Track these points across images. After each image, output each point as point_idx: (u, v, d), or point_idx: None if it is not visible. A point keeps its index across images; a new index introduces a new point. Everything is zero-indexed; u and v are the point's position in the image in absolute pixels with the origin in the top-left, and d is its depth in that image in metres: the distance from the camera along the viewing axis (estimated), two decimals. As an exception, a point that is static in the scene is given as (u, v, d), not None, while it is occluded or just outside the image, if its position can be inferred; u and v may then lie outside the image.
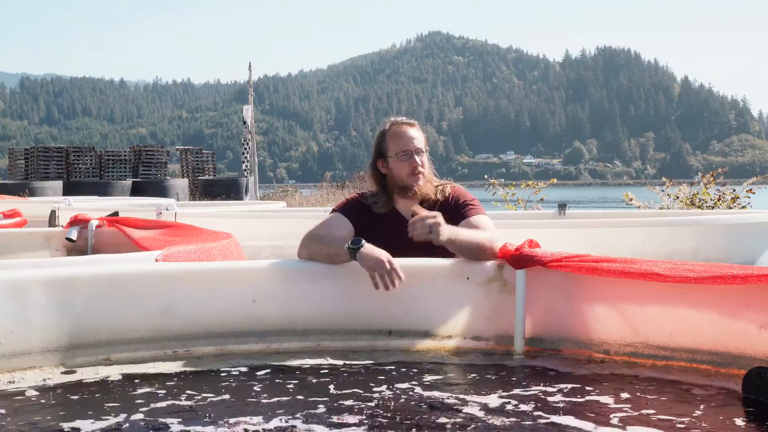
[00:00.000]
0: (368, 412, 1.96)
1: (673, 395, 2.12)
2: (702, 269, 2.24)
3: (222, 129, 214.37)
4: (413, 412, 1.95)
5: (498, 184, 9.39)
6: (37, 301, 2.37)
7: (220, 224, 4.84)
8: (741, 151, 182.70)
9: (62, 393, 2.16)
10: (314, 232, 2.78)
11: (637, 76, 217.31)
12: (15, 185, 16.92)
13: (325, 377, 2.32)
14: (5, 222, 5.11)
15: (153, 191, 17.99)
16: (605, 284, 2.43)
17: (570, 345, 2.54)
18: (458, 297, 2.63)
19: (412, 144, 2.90)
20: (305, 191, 22.00)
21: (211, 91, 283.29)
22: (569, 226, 4.62)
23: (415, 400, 2.06)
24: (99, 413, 1.96)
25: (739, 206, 8.08)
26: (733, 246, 4.51)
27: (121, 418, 1.91)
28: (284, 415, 1.93)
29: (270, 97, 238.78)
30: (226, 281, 2.60)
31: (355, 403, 2.04)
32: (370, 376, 2.32)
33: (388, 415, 1.93)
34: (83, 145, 22.39)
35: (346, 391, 2.16)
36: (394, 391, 2.15)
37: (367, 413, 1.95)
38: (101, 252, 4.07)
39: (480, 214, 2.88)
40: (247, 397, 2.11)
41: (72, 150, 21.56)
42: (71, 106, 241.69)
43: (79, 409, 1.99)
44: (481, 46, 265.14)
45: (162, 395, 2.13)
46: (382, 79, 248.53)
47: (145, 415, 1.94)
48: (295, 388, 2.20)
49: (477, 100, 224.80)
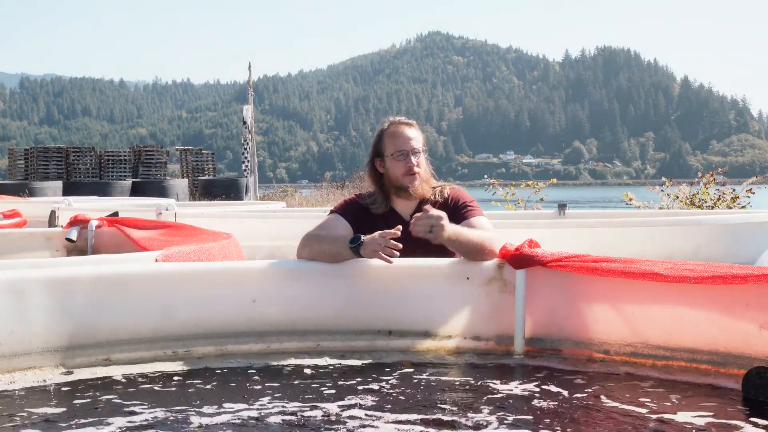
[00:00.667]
0: (368, 412, 1.96)
1: (673, 395, 2.12)
2: (702, 269, 2.24)
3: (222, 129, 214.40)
4: (413, 412, 1.95)
5: (498, 184, 9.39)
6: (37, 302, 2.37)
7: (220, 224, 4.84)
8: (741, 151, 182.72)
9: (62, 393, 2.16)
10: (314, 232, 2.79)
11: (637, 76, 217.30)
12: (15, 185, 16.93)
13: (325, 377, 2.32)
14: (5, 222, 5.11)
15: (153, 191, 17.98)
16: (605, 284, 2.43)
17: (570, 345, 2.54)
18: (458, 297, 2.63)
19: (409, 144, 2.90)
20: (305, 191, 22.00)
21: (210, 91, 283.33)
22: (569, 226, 4.62)
23: (415, 400, 2.07)
24: (99, 413, 1.96)
25: (738, 206, 8.08)
26: (733, 246, 4.51)
27: (121, 418, 1.91)
28: (284, 415, 1.93)
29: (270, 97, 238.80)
30: (225, 281, 2.60)
31: (354, 403, 2.04)
32: (370, 376, 2.32)
33: (388, 415, 1.93)
34: (83, 146, 22.38)
35: (345, 391, 2.16)
36: (394, 391, 2.15)
37: (367, 413, 1.95)
38: (101, 252, 4.07)
39: (479, 216, 2.89)
40: (247, 397, 2.11)
41: (72, 150, 21.55)
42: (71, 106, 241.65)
43: (79, 409, 1.99)
44: (480, 46, 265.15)
45: (162, 395, 2.13)
46: (381, 79, 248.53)
47: (145, 415, 1.94)
48: (295, 388, 2.20)
49: (477, 100, 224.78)
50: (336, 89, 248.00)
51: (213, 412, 1.97)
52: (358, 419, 1.90)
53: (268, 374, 2.38)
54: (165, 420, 1.90)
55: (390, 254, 2.55)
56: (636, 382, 2.24)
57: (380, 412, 1.96)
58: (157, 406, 2.01)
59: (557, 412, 1.95)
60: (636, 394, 2.12)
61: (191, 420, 1.90)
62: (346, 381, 2.27)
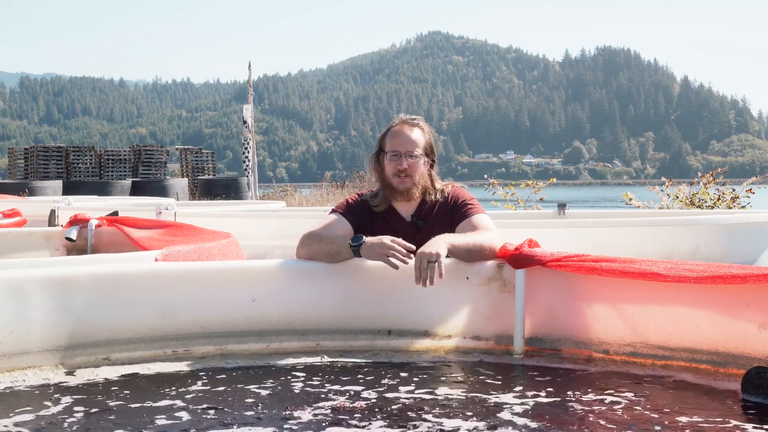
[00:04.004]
0: (368, 411, 1.96)
1: (672, 395, 2.12)
2: (701, 269, 2.24)
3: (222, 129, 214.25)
4: (413, 412, 1.95)
5: (498, 183, 9.38)
6: (36, 301, 2.37)
7: (220, 224, 4.84)
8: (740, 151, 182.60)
9: (62, 393, 2.16)
10: (314, 231, 2.78)
11: (637, 75, 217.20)
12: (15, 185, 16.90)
13: (325, 377, 2.32)
14: (5, 222, 5.10)
15: (153, 191, 17.97)
16: (605, 284, 2.43)
17: (570, 345, 2.54)
18: (458, 297, 2.63)
19: (404, 146, 2.88)
20: (305, 191, 21.99)
21: (210, 90, 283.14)
22: (569, 226, 4.62)
23: (414, 400, 2.07)
24: (99, 413, 1.96)
25: (738, 206, 8.08)
26: (732, 246, 4.50)
27: (121, 418, 1.91)
28: (284, 415, 1.93)
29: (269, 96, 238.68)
30: (225, 281, 2.60)
31: (354, 402, 2.04)
32: (370, 376, 2.32)
33: (388, 414, 1.93)
34: (83, 145, 22.34)
35: (345, 390, 2.16)
36: (394, 391, 2.15)
37: (367, 413, 1.95)
38: (101, 251, 4.07)
39: (479, 214, 2.88)
40: (247, 396, 2.11)
41: (72, 149, 21.53)
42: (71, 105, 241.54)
43: (78, 409, 1.99)
44: (480, 45, 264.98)
45: (162, 395, 2.13)
46: (381, 79, 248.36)
47: (145, 414, 1.94)
48: (294, 387, 2.21)
49: (477, 100, 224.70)
50: (336, 89, 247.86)
51: (213, 411, 1.97)
52: (358, 419, 1.90)
53: (267, 374, 2.38)
54: (165, 420, 1.90)
55: (402, 260, 2.53)
56: (636, 382, 2.24)
57: (380, 411, 1.96)
58: (156, 406, 2.01)
59: (557, 412, 1.95)
60: (636, 394, 2.12)
61: (191, 419, 1.90)
62: (346, 380, 2.27)
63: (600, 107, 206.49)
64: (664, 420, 1.88)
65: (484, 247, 2.64)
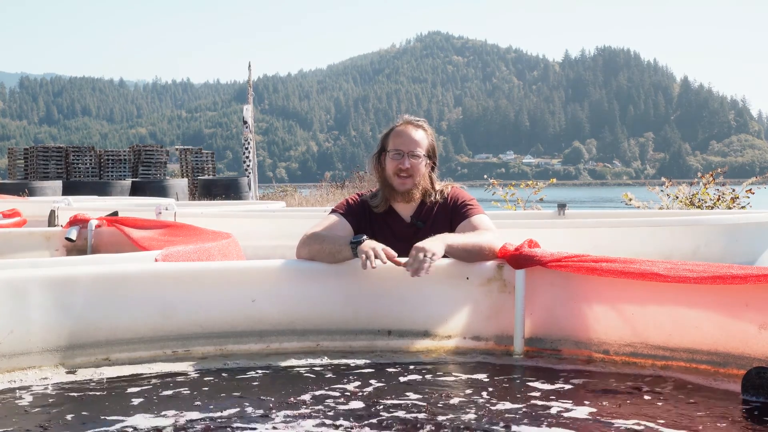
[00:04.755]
0: (367, 411, 1.96)
1: (672, 395, 2.12)
2: (701, 269, 2.24)
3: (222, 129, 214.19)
4: (413, 412, 1.95)
5: (497, 184, 9.38)
6: (36, 301, 2.37)
7: (220, 224, 4.84)
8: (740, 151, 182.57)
9: (62, 393, 2.16)
10: (314, 231, 2.78)
11: (637, 76, 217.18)
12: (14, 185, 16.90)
13: (325, 377, 2.32)
14: (5, 222, 5.10)
15: (152, 191, 17.97)
16: (605, 284, 2.43)
17: (569, 345, 2.54)
18: (458, 297, 2.63)
19: (407, 145, 2.88)
20: (305, 191, 21.99)
21: (210, 90, 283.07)
22: (569, 226, 4.61)
23: (414, 400, 2.07)
24: (99, 413, 1.96)
25: (738, 206, 8.08)
26: (732, 246, 4.50)
27: (121, 418, 1.91)
28: (283, 415, 1.93)
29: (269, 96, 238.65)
30: (225, 281, 2.60)
31: (354, 402, 2.04)
32: (370, 376, 2.32)
33: (388, 414, 1.93)
34: (83, 145, 22.33)
35: (345, 390, 2.16)
36: (394, 392, 2.15)
37: (367, 413, 1.95)
38: (101, 252, 4.06)
39: (479, 214, 2.88)
40: (247, 396, 2.11)
41: (71, 150, 21.53)
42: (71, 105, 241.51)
43: (79, 409, 2.00)
44: (480, 46, 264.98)
45: (162, 395, 2.13)
46: (381, 79, 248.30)
47: (145, 415, 1.94)
48: (294, 387, 2.21)
49: (476, 100, 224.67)
50: (336, 89, 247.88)
51: (212, 411, 1.97)
52: (358, 419, 1.90)
53: (267, 374, 2.38)
54: (164, 419, 1.90)
55: (369, 261, 2.52)
56: (636, 383, 2.24)
57: (380, 411, 1.96)
58: (156, 406, 2.01)
59: (557, 413, 1.95)
60: (636, 394, 2.12)
61: (191, 419, 1.90)
62: (346, 380, 2.27)
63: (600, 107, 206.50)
64: (664, 420, 1.88)
65: (484, 247, 2.64)
